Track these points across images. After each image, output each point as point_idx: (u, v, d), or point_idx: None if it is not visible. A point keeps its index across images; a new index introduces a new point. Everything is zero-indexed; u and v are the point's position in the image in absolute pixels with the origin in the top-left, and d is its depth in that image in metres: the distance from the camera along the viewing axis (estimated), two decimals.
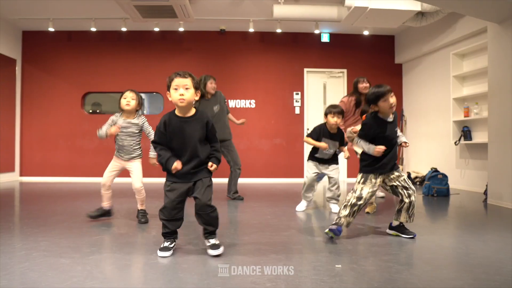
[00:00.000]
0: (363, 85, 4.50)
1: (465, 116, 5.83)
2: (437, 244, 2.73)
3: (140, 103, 3.37)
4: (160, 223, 3.31)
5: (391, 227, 2.93)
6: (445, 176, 5.32)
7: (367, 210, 3.72)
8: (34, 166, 7.14)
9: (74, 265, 2.12)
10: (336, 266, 2.13)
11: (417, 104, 7.20)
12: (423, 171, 6.69)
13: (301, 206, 4.04)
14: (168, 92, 2.36)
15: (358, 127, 2.98)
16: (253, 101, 7.31)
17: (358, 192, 2.77)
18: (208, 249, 2.35)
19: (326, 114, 3.86)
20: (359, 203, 2.74)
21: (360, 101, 4.52)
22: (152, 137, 3.35)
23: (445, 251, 2.58)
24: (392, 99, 2.69)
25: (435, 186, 5.23)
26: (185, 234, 2.90)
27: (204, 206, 2.32)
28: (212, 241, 2.38)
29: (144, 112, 3.13)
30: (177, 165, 2.30)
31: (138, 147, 3.40)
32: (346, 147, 3.97)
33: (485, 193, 4.81)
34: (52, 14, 6.40)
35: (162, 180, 2.41)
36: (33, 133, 7.18)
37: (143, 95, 9.66)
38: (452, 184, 5.84)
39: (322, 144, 3.77)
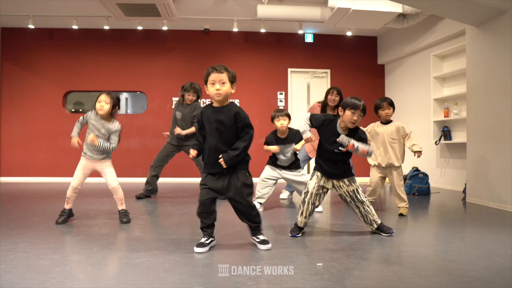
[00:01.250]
0: (331, 97, 4.50)
1: (445, 116, 5.95)
2: (417, 242, 2.78)
3: (114, 106, 3.29)
4: (142, 223, 3.32)
5: None
6: (425, 175, 5.42)
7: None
8: (14, 166, 7.00)
9: (53, 266, 2.09)
10: (317, 264, 2.16)
11: (398, 104, 7.27)
12: (404, 170, 6.79)
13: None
14: (205, 86, 2.48)
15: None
16: (237, 100, 7.30)
17: (306, 188, 2.91)
18: (258, 245, 2.47)
19: (272, 120, 3.83)
20: (306, 198, 2.85)
21: (325, 110, 4.55)
22: (113, 145, 3.25)
23: (424, 248, 2.63)
24: (357, 117, 2.68)
25: (416, 185, 5.32)
26: (168, 234, 2.89)
27: (243, 206, 2.46)
28: (261, 237, 2.50)
29: (118, 112, 3.07)
30: (192, 152, 2.53)
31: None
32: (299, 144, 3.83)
33: (464, 191, 4.92)
34: (32, 11, 6.28)
35: (142, 179, 2.40)
36: (13, 133, 7.03)
37: (126, 94, 9.67)
38: (433, 183, 5.95)
39: (273, 147, 3.81)
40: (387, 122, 3.80)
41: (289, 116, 3.83)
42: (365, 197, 2.88)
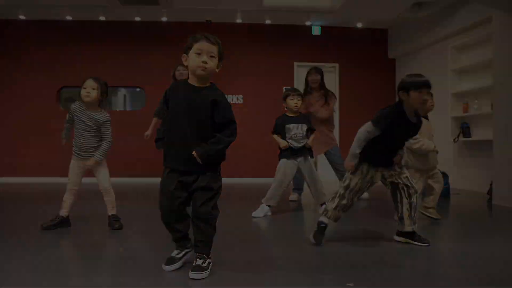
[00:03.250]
0: (311, 78, 4.28)
1: (464, 112, 5.55)
2: (457, 253, 2.38)
3: (103, 92, 2.93)
4: (136, 231, 2.90)
5: (400, 233, 2.57)
6: (446, 175, 4.98)
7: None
8: (3, 165, 6.60)
9: None
10: (348, 285, 1.75)
11: None
12: None
13: (260, 212, 3.41)
14: (184, 55, 1.93)
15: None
16: (240, 96, 6.92)
17: (346, 182, 2.50)
18: (190, 270, 1.83)
19: (285, 98, 3.62)
20: (346, 193, 2.47)
21: (306, 93, 4.30)
22: (107, 140, 2.92)
23: (468, 261, 2.21)
24: (426, 96, 2.38)
25: None
26: (168, 246, 2.49)
27: (198, 217, 1.88)
28: (199, 261, 1.85)
29: (110, 107, 2.78)
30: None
31: (98, 145, 2.94)
32: (312, 136, 3.61)
33: (489, 193, 4.53)
34: (22, 0, 5.88)
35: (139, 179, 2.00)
36: (2, 130, 6.63)
37: (124, 91, 9.24)
38: (451, 183, 5.54)
39: (282, 142, 3.50)
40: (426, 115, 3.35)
41: (302, 97, 3.65)
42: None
